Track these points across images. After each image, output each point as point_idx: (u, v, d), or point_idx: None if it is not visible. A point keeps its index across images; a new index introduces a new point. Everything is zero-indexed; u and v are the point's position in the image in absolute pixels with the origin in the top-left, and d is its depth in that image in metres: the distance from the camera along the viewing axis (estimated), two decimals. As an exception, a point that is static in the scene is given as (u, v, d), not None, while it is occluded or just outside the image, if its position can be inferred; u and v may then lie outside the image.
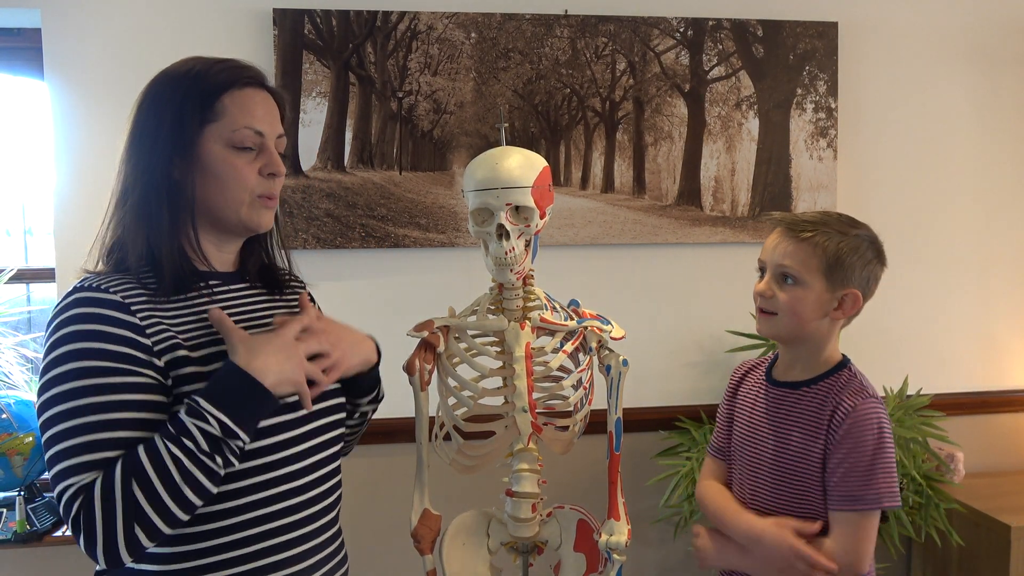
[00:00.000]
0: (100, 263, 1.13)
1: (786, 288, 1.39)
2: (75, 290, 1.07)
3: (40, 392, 1.03)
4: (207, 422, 0.98)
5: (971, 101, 2.54)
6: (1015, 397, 2.62)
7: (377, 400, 1.38)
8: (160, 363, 1.04)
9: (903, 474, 2.14)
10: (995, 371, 2.61)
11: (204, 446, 0.98)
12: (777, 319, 1.40)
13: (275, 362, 1.05)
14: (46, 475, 2.31)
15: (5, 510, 2.11)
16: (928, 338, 2.56)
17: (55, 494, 1.00)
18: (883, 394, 2.33)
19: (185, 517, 1.00)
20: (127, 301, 1.05)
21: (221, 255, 1.20)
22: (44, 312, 2.47)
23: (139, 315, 1.05)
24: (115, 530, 0.96)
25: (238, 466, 1.06)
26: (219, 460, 1.00)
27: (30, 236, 2.52)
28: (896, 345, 2.54)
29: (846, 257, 1.36)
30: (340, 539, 1.25)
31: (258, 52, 2.18)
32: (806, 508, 1.39)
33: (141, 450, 0.98)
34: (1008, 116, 2.56)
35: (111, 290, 1.06)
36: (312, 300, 1.36)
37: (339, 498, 1.25)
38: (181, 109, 1.10)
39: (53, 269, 2.20)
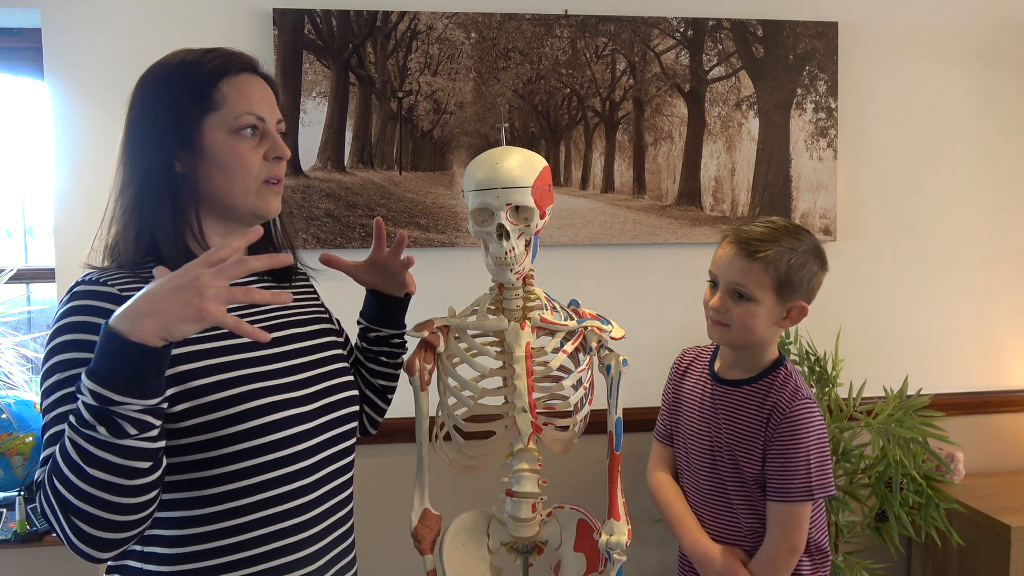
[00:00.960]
0: (103, 259, 1.13)
1: (739, 303, 1.49)
2: (75, 284, 1.08)
3: (40, 380, 1.05)
4: (83, 393, 0.90)
5: (971, 101, 2.54)
6: (1015, 397, 2.62)
7: (401, 347, 1.42)
8: None
9: (903, 474, 2.14)
10: (995, 371, 2.61)
11: (87, 417, 0.90)
12: (729, 330, 1.51)
13: (139, 304, 0.89)
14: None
15: (5, 510, 2.11)
16: (928, 338, 2.56)
17: None
18: (883, 394, 2.33)
19: (115, 499, 0.92)
20: (124, 294, 1.05)
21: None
22: (44, 312, 2.47)
23: None
24: (60, 523, 0.94)
25: (245, 464, 1.05)
26: (101, 430, 0.89)
27: (30, 236, 2.52)
28: (896, 345, 2.54)
29: (795, 273, 1.47)
30: (351, 539, 1.25)
31: (258, 52, 2.15)
32: (744, 495, 1.54)
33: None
34: (1008, 116, 2.56)
35: (109, 283, 1.07)
36: (316, 293, 1.37)
37: (350, 497, 1.25)
38: (178, 100, 1.10)
39: (53, 269, 2.20)
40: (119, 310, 0.90)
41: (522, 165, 1.28)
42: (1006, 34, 2.54)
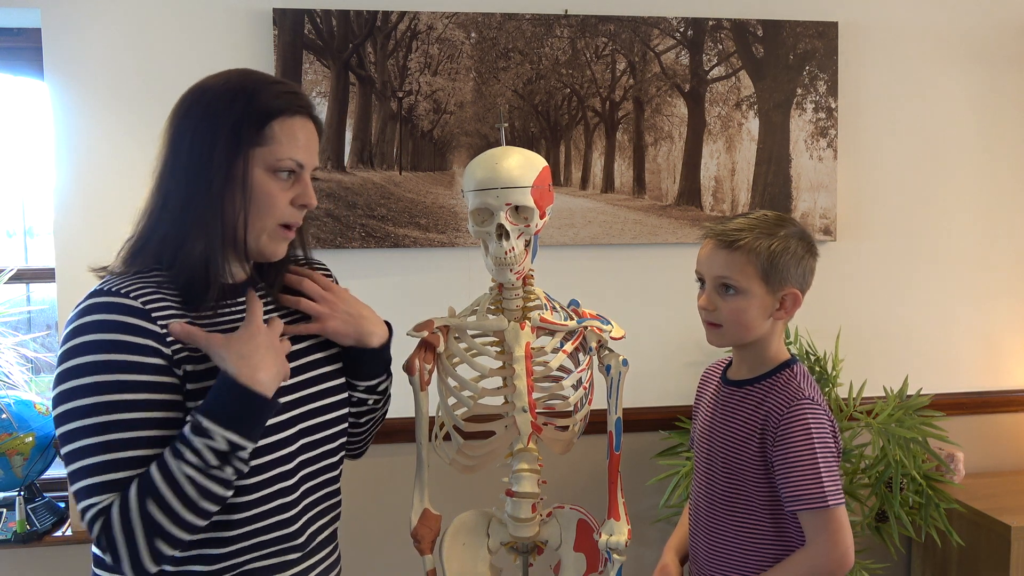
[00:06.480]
0: (124, 263, 1.11)
1: (728, 298, 1.42)
2: (94, 294, 1.05)
3: (57, 402, 1.02)
4: (213, 439, 0.99)
5: (971, 101, 2.54)
6: (1015, 397, 2.62)
7: (376, 392, 1.31)
8: (180, 372, 1.05)
9: (903, 474, 2.14)
10: (995, 371, 2.61)
11: (214, 462, 0.99)
12: (723, 330, 1.44)
13: (267, 365, 1.04)
14: (46, 475, 2.30)
15: (5, 510, 2.11)
16: (928, 338, 2.56)
17: (79, 508, 1.01)
18: (883, 394, 2.33)
19: (204, 523, 1.02)
20: (147, 308, 1.04)
21: (240, 269, 1.19)
22: (44, 312, 2.46)
23: (159, 323, 1.04)
24: (137, 547, 0.98)
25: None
26: (229, 471, 1.01)
27: (30, 236, 2.52)
28: (896, 345, 2.54)
29: (779, 259, 1.39)
30: (335, 542, 1.25)
31: (258, 52, 2.18)
32: (743, 503, 1.43)
33: (154, 470, 0.99)
34: (1008, 116, 2.56)
35: (131, 295, 1.04)
36: (333, 279, 1.34)
37: (338, 500, 1.25)
38: (237, 128, 1.08)
39: (53, 269, 2.20)
40: (246, 368, 1.02)
41: (522, 165, 1.28)
42: (1006, 34, 2.54)
